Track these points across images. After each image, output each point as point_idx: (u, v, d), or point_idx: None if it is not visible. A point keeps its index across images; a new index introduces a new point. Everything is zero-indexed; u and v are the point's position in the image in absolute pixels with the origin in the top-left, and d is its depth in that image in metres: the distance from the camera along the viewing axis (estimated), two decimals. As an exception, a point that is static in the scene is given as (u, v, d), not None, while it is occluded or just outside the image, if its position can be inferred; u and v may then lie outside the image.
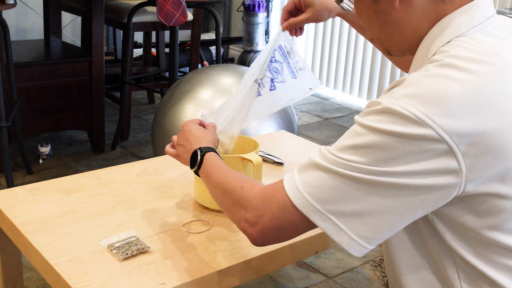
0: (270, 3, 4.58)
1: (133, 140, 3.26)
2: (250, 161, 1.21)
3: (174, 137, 1.21)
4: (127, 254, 1.08)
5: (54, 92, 2.81)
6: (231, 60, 4.75)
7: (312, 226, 0.86)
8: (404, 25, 0.89)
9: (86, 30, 2.94)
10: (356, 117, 0.83)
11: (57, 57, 2.95)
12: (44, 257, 1.07)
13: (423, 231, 0.89)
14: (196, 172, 1.08)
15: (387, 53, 0.96)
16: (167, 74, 3.71)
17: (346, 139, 0.83)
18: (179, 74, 3.53)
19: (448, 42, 0.84)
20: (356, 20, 1.25)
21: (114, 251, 1.09)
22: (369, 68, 3.95)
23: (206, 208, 1.28)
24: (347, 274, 2.08)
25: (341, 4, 1.08)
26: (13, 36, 3.33)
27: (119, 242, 1.12)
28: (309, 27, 4.48)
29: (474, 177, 0.78)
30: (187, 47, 4.21)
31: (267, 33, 4.61)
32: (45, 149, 2.90)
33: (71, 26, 3.97)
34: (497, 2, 3.18)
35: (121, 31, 3.40)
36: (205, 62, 4.23)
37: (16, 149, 2.76)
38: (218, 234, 1.19)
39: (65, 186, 1.35)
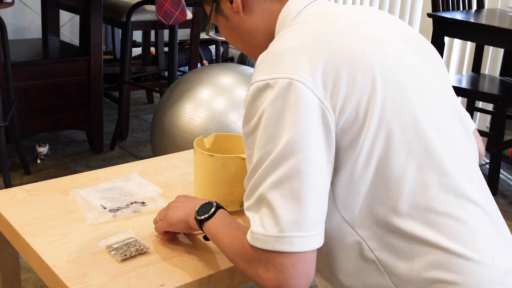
0: (269, 2, 4.56)
1: (132, 140, 3.25)
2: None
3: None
4: (125, 255, 1.07)
5: (52, 92, 2.80)
6: (231, 59, 4.74)
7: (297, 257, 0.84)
8: (254, 30, 1.02)
9: (85, 29, 2.93)
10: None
11: (55, 56, 2.93)
12: (42, 259, 1.06)
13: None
14: (202, 222, 1.03)
15: None
16: (166, 73, 3.70)
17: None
18: (178, 73, 3.52)
19: (288, 26, 0.96)
20: None
21: (113, 252, 1.08)
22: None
23: (206, 208, 1.27)
24: (348, 275, 2.07)
25: (211, 35, 1.16)
26: (11, 35, 3.31)
27: (117, 243, 1.11)
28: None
29: (336, 102, 0.85)
30: (187, 46, 4.20)
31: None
32: (43, 149, 2.88)
33: (69, 25, 3.96)
34: (499, 1, 3.17)
35: (120, 30, 3.39)
36: (205, 61, 4.22)
37: (14, 149, 2.75)
38: (218, 235, 1.18)
39: (64, 187, 1.34)
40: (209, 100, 2.19)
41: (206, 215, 1.02)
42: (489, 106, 3.22)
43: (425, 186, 0.88)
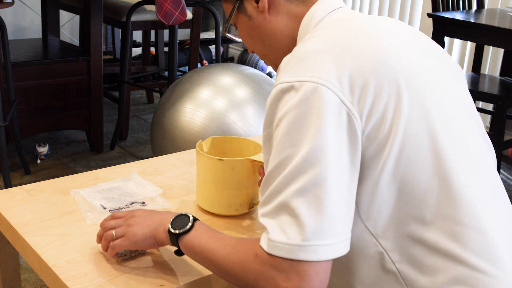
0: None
1: (132, 140, 3.25)
2: (262, 162, 1.19)
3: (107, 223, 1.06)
4: (125, 255, 1.07)
5: (52, 92, 2.80)
6: (231, 59, 4.74)
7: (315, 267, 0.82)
8: (278, 32, 1.01)
9: (85, 29, 2.93)
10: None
11: (55, 56, 2.93)
12: (42, 259, 1.06)
13: None
14: (179, 236, 0.96)
15: (276, 66, 1.02)
16: (166, 73, 3.70)
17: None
18: (178, 73, 3.52)
19: (313, 30, 0.96)
20: None
21: (113, 252, 1.08)
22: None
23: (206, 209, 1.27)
24: (348, 275, 2.07)
25: (228, 35, 1.14)
26: (11, 35, 3.31)
27: (118, 243, 1.11)
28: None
29: (363, 108, 0.83)
30: (187, 46, 4.20)
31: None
32: (43, 149, 2.88)
33: (69, 25, 3.96)
34: (499, 1, 3.17)
35: (120, 30, 3.39)
36: (205, 61, 4.22)
37: (14, 149, 2.75)
38: (218, 235, 1.17)
39: (63, 187, 1.34)
40: (209, 100, 2.19)
41: (186, 228, 0.95)
42: (489, 106, 3.22)
43: (452, 197, 0.86)
